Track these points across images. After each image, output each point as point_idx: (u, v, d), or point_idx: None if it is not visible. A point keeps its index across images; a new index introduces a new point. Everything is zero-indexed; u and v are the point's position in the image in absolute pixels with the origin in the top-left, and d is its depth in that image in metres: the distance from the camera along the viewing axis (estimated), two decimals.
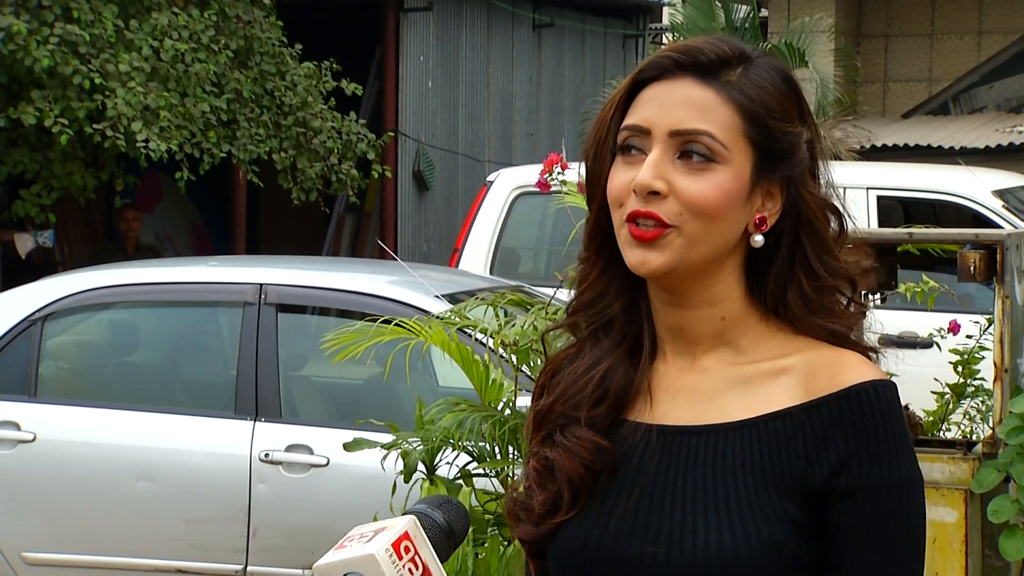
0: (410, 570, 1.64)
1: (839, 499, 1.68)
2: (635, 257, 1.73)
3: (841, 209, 1.81)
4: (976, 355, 5.05)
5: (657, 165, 1.72)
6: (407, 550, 1.65)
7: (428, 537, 1.67)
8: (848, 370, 1.72)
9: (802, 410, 1.72)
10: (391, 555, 1.63)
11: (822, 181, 1.80)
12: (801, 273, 1.76)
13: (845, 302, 1.79)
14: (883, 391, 1.71)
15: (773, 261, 1.77)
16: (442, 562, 1.67)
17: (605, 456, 1.77)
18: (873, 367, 1.75)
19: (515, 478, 4.41)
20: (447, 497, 1.76)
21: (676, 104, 1.74)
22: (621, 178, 1.75)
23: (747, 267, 1.78)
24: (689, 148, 1.72)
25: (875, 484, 1.68)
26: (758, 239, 1.76)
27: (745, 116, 1.74)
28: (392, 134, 13.69)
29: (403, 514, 1.69)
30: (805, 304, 1.76)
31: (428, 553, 1.66)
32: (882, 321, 1.99)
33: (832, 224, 1.79)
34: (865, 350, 1.78)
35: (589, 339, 1.84)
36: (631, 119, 1.76)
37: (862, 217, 8.35)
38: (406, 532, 1.65)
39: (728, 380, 1.77)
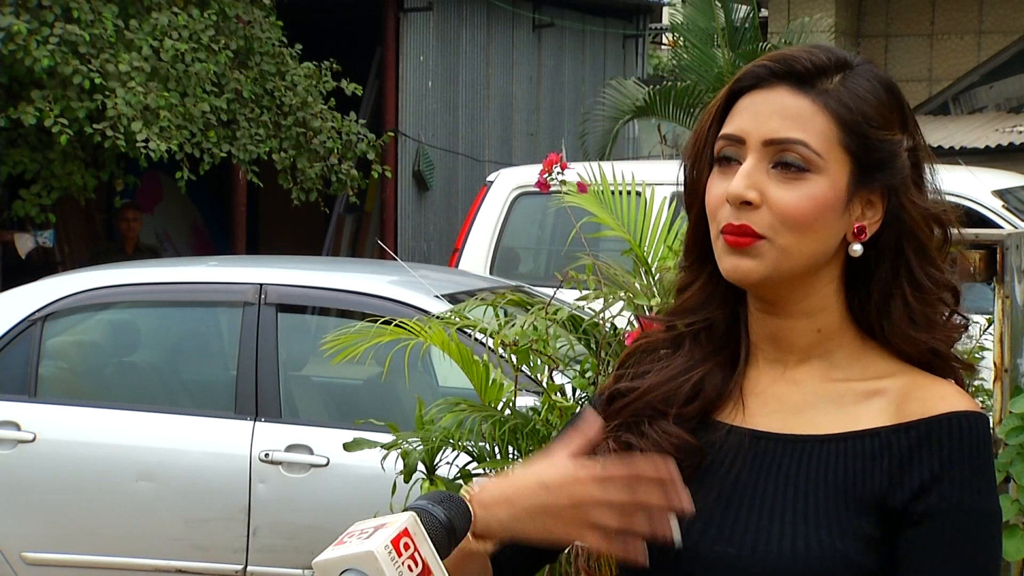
0: (409, 567, 1.63)
1: (917, 521, 1.67)
2: (728, 264, 1.73)
3: (945, 219, 1.79)
4: (976, 355, 5.05)
5: (750, 174, 1.71)
6: (407, 547, 1.64)
7: (428, 534, 1.66)
8: (943, 398, 1.71)
9: (890, 431, 1.71)
10: (390, 552, 1.63)
11: (928, 190, 1.78)
12: (906, 283, 1.74)
13: (947, 314, 1.77)
14: (975, 421, 1.70)
15: (874, 273, 1.75)
16: (442, 559, 1.67)
17: (692, 454, 1.77)
18: (968, 398, 1.73)
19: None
20: (448, 493, 1.75)
21: (770, 113, 1.72)
22: (717, 188, 1.74)
23: (847, 280, 1.76)
24: (783, 158, 1.71)
25: (954, 510, 1.67)
26: (856, 248, 1.73)
27: (841, 125, 1.72)
28: (392, 134, 13.69)
29: (403, 510, 1.69)
30: (909, 316, 1.74)
31: (428, 550, 1.65)
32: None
33: (936, 234, 1.78)
34: (964, 367, 1.78)
35: (689, 338, 1.83)
36: (726, 129, 1.75)
37: None
38: (406, 529, 1.65)
39: (819, 394, 1.76)
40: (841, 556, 1.67)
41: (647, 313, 4.17)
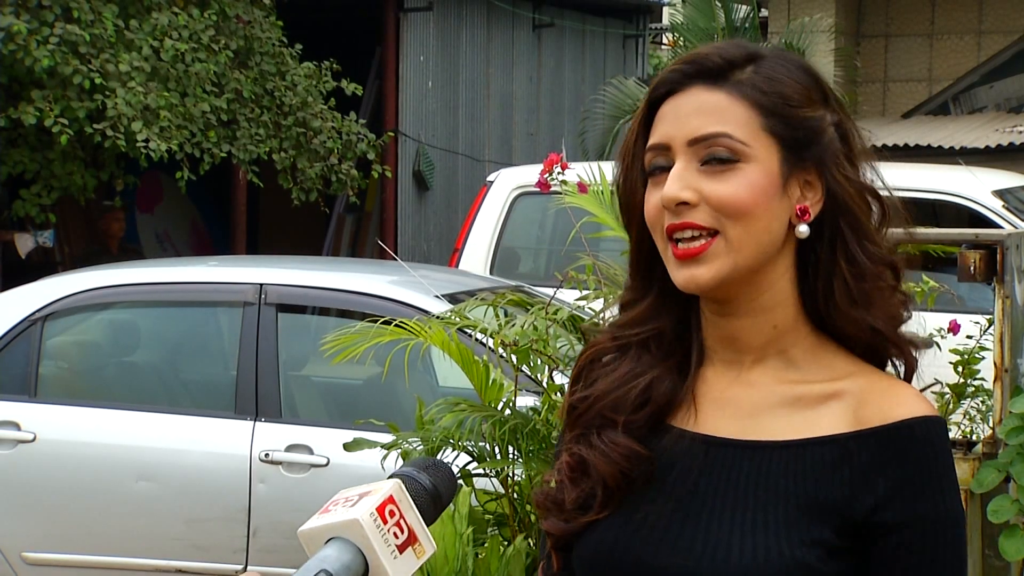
0: (395, 534, 1.63)
1: (884, 533, 1.66)
2: (682, 276, 1.71)
3: (881, 193, 1.78)
4: (976, 355, 5.05)
5: (682, 176, 1.71)
6: (392, 514, 1.63)
7: (414, 500, 1.66)
8: (901, 403, 1.70)
9: (850, 438, 1.70)
10: (376, 519, 1.62)
11: (860, 164, 1.77)
12: (842, 261, 1.73)
13: (888, 292, 1.76)
14: (933, 427, 1.69)
15: (818, 255, 1.74)
16: (428, 525, 1.66)
17: (642, 463, 1.76)
18: (925, 402, 1.72)
19: (544, 474, 4.41)
20: (433, 459, 1.74)
21: (689, 113, 1.73)
22: (653, 200, 1.74)
23: (798, 271, 1.75)
24: (711, 154, 1.71)
25: (919, 519, 1.66)
26: (802, 229, 1.73)
27: (761, 110, 1.72)
28: (392, 134, 13.70)
29: (389, 477, 1.69)
30: (849, 295, 1.73)
31: (414, 517, 1.65)
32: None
33: (873, 208, 1.77)
34: (913, 344, 1.77)
35: (636, 346, 1.82)
36: (651, 140, 1.75)
37: None
38: (391, 496, 1.64)
39: (776, 397, 1.75)
40: (800, 565, 1.65)
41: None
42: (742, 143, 1.71)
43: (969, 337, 5.12)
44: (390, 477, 1.69)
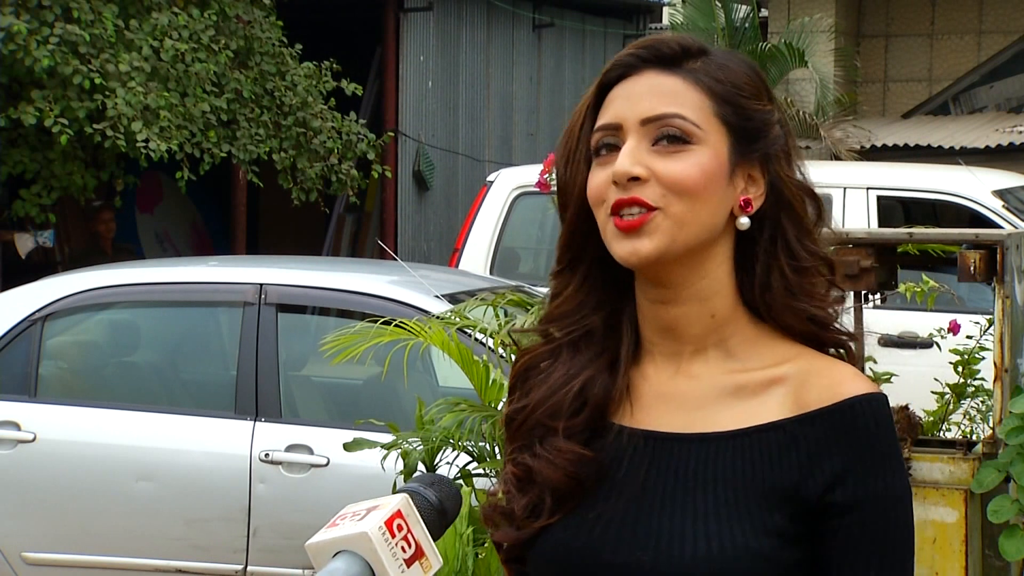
0: (403, 548, 1.64)
1: (835, 514, 1.68)
2: (624, 248, 1.72)
3: (816, 194, 1.80)
4: (976, 355, 5.05)
5: (634, 152, 1.72)
6: (400, 528, 1.64)
7: (421, 515, 1.67)
8: (841, 382, 1.72)
9: (795, 422, 1.71)
10: (384, 533, 1.63)
11: (796, 165, 1.79)
12: (782, 255, 1.75)
13: (825, 287, 1.78)
14: (876, 404, 1.71)
15: (757, 247, 1.76)
16: (434, 540, 1.67)
17: (589, 465, 1.76)
18: (865, 379, 1.74)
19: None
20: (439, 476, 1.75)
21: (643, 94, 1.74)
22: (599, 177, 1.74)
23: (736, 262, 1.77)
24: (663, 133, 1.72)
25: (871, 498, 1.68)
26: (744, 221, 1.75)
27: (714, 97, 1.74)
28: (392, 134, 13.70)
29: (395, 492, 1.69)
30: (786, 286, 1.75)
31: (421, 531, 1.66)
32: (882, 321, 1.98)
33: (810, 210, 1.79)
34: (846, 335, 1.79)
35: (566, 347, 1.82)
36: (602, 119, 1.76)
37: (862, 217, 8.35)
38: (399, 510, 1.65)
39: (718, 388, 1.76)
40: (755, 553, 1.67)
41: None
42: (695, 125, 1.72)
43: (969, 337, 5.12)
44: (397, 492, 1.69)
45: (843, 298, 1.82)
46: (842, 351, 1.79)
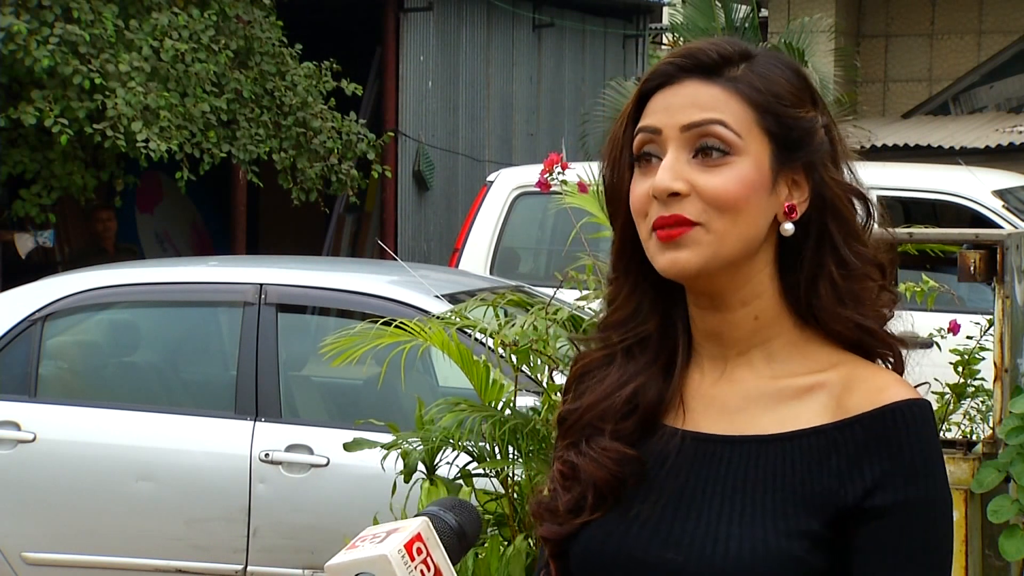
0: (422, 572, 1.64)
1: (873, 518, 1.67)
2: (664, 260, 1.72)
3: (866, 194, 1.79)
4: (976, 355, 5.05)
5: (673, 166, 1.71)
6: (419, 551, 1.65)
7: (440, 539, 1.67)
8: (884, 389, 1.71)
9: (835, 428, 1.70)
10: (403, 556, 1.63)
11: (844, 167, 1.78)
12: (831, 261, 1.74)
13: (876, 291, 1.77)
14: (919, 410, 1.70)
15: (803, 253, 1.75)
16: (454, 564, 1.67)
17: (632, 464, 1.77)
18: (908, 386, 1.73)
19: (537, 481, 4.40)
20: (460, 500, 1.76)
21: (684, 105, 1.73)
22: (641, 188, 1.74)
23: (780, 264, 1.76)
24: (704, 144, 1.71)
25: (909, 504, 1.67)
26: (788, 227, 1.73)
27: (755, 107, 1.72)
28: (392, 134, 13.69)
29: (416, 516, 1.69)
30: (835, 293, 1.73)
31: (440, 555, 1.66)
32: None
33: (858, 210, 1.77)
34: (899, 342, 1.78)
35: (621, 353, 1.82)
36: (642, 123, 1.75)
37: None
38: (419, 534, 1.65)
39: (760, 392, 1.76)
40: (789, 556, 1.66)
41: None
42: (736, 134, 1.71)
43: (969, 337, 5.12)
44: (417, 515, 1.69)
45: (896, 300, 1.80)
46: (890, 359, 1.78)
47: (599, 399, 1.81)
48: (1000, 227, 7.98)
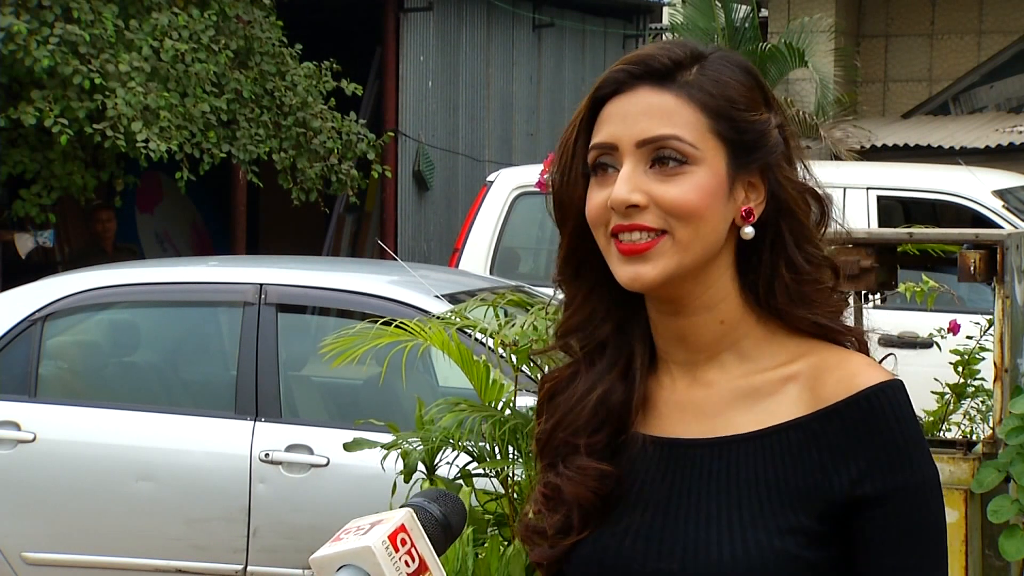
0: (406, 562, 1.64)
1: (866, 508, 1.67)
2: (627, 273, 1.71)
3: (822, 193, 1.78)
4: (976, 355, 5.05)
5: (631, 178, 1.70)
6: (403, 542, 1.64)
7: (425, 530, 1.67)
8: (856, 374, 1.71)
9: (813, 419, 1.70)
10: (387, 547, 1.63)
11: (798, 167, 1.78)
12: (782, 264, 1.74)
13: (828, 292, 1.77)
14: (893, 392, 1.70)
15: (760, 255, 1.75)
16: (438, 555, 1.67)
17: (611, 480, 1.76)
18: (879, 368, 1.73)
19: (526, 500, 4.40)
20: (444, 491, 1.75)
21: (638, 115, 1.72)
22: (598, 198, 1.73)
23: (738, 266, 1.76)
24: (660, 155, 1.71)
25: (899, 488, 1.67)
26: (748, 231, 1.73)
27: (709, 113, 1.72)
28: (392, 134, 13.69)
29: (400, 507, 1.69)
30: (788, 296, 1.74)
31: (425, 546, 1.66)
32: (881, 321, 1.98)
33: (813, 210, 1.77)
34: (854, 333, 1.78)
35: (584, 362, 1.82)
36: (597, 138, 1.75)
37: (862, 217, 8.35)
38: (402, 525, 1.65)
39: (734, 392, 1.76)
40: (781, 553, 1.66)
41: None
42: (691, 145, 1.71)
43: (969, 337, 5.12)
44: (402, 507, 1.69)
45: (846, 302, 1.80)
46: (853, 341, 1.78)
47: (566, 412, 1.81)
48: (1000, 227, 7.98)
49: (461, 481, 4.52)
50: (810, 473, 1.69)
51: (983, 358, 4.99)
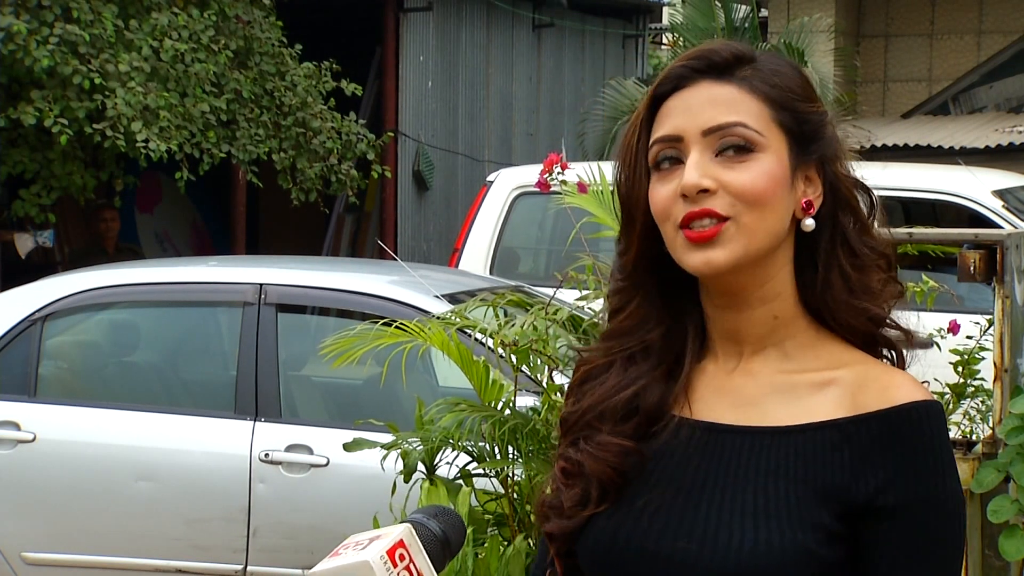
0: None
1: (884, 516, 1.68)
2: (697, 259, 1.73)
3: (869, 188, 1.82)
4: (976, 355, 5.05)
5: (699, 164, 1.72)
6: (402, 558, 1.65)
7: (424, 546, 1.67)
8: (897, 388, 1.72)
9: (849, 422, 1.72)
10: (386, 562, 1.63)
11: (846, 161, 1.81)
12: (843, 253, 1.77)
13: (884, 282, 1.79)
14: (931, 411, 1.71)
15: (818, 248, 1.77)
16: (437, 571, 1.68)
17: (632, 457, 1.78)
18: (921, 387, 1.74)
19: (537, 481, 4.40)
20: (444, 507, 1.76)
21: (702, 104, 1.75)
22: (663, 191, 1.75)
23: (796, 265, 1.79)
24: (726, 143, 1.73)
25: (920, 502, 1.68)
26: (809, 223, 1.76)
27: (771, 103, 1.75)
28: (392, 134, 13.69)
29: (399, 523, 1.70)
30: (847, 284, 1.76)
31: (423, 561, 1.66)
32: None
33: (863, 203, 1.80)
34: (903, 332, 1.80)
35: (621, 360, 1.84)
36: (660, 132, 1.76)
37: None
38: (401, 540, 1.66)
39: (774, 386, 1.77)
40: (801, 548, 1.67)
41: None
42: (758, 133, 1.73)
43: (969, 337, 5.12)
44: (401, 522, 1.70)
45: (902, 292, 1.82)
46: (893, 353, 1.80)
47: (598, 401, 1.82)
48: (1000, 227, 7.98)
49: (461, 481, 4.52)
50: (836, 473, 1.70)
51: (983, 358, 4.99)
